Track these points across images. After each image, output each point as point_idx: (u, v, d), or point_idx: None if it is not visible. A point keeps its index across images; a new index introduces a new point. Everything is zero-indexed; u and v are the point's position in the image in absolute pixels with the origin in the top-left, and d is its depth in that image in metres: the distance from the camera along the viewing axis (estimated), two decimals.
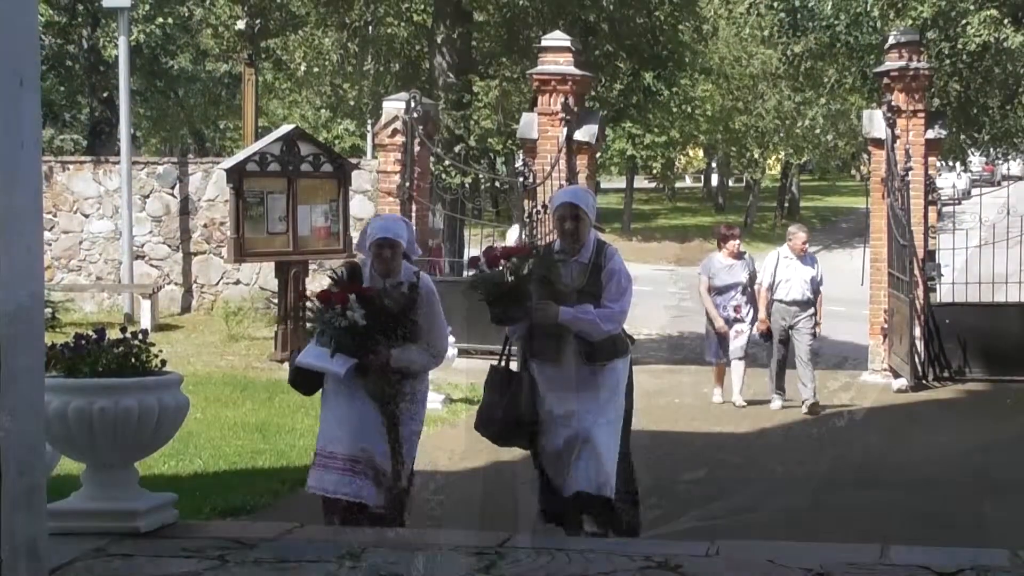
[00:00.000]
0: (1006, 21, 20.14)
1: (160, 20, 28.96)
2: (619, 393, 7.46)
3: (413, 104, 18.20)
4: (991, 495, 9.91)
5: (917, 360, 16.64)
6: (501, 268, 7.23)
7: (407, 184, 18.12)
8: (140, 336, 6.90)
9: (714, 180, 65.79)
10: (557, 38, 18.78)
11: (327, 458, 7.25)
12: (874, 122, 17.82)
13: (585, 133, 18.24)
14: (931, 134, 17.67)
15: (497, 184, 25.37)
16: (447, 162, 21.98)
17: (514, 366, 7.64)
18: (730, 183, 63.54)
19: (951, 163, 29.11)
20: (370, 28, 26.92)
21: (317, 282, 16.65)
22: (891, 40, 17.99)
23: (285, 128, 18.32)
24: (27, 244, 4.92)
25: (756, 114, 47.69)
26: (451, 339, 14.03)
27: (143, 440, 6.80)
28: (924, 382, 16.70)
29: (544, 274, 7.30)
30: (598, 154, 22.12)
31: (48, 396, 5.97)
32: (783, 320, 14.73)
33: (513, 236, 18.49)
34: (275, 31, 30.52)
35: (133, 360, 6.78)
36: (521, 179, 18.35)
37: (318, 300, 7.26)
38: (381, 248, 7.28)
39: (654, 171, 56.12)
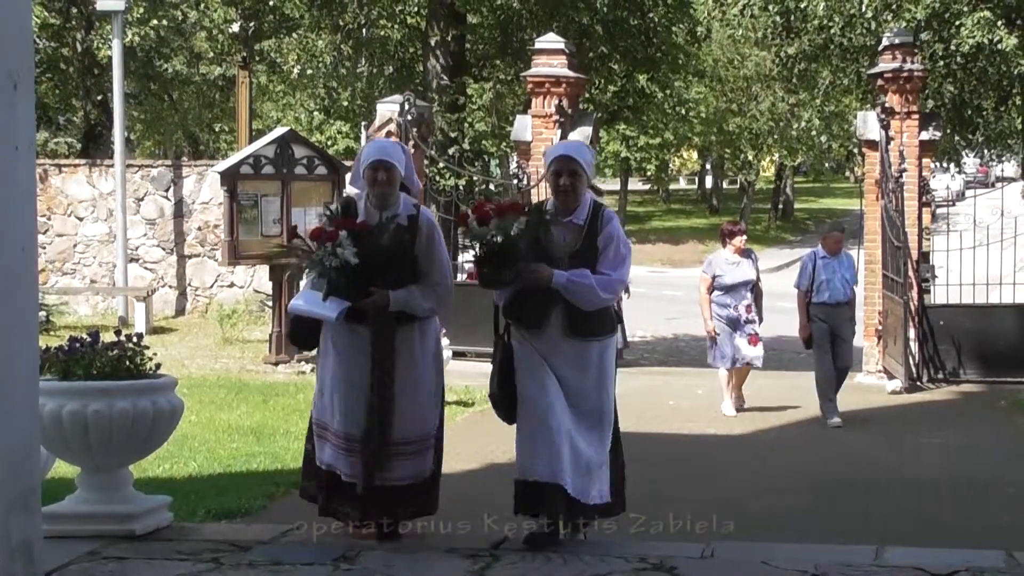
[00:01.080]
0: (1000, 23, 20.18)
1: (154, 22, 28.91)
2: (609, 377, 6.82)
3: (407, 106, 18.20)
4: (986, 496, 9.92)
5: (911, 362, 16.64)
6: (491, 226, 6.56)
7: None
8: (134, 339, 6.90)
9: (708, 182, 65.89)
10: (551, 40, 18.79)
11: (322, 429, 6.78)
12: (868, 124, 17.82)
13: (579, 135, 18.22)
14: (925, 136, 17.67)
15: (491, 186, 25.33)
16: (441, 164, 21.98)
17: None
18: (724, 185, 63.61)
19: (945, 165, 29.17)
20: (363, 30, 26.94)
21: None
22: (885, 42, 18.00)
23: (279, 130, 18.34)
24: (21, 246, 4.91)
25: (750, 116, 47.75)
26: (445, 341, 14.14)
27: (138, 443, 6.80)
28: (918, 384, 16.70)
29: (536, 234, 6.65)
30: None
31: (43, 399, 5.97)
32: (826, 323, 13.89)
33: None
34: (269, 34, 30.54)
35: (127, 363, 6.79)
36: (515, 181, 18.35)
37: (310, 238, 6.64)
38: (376, 171, 6.66)
39: (648, 173, 56.21)
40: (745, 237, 14.49)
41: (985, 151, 28.95)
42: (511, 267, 6.58)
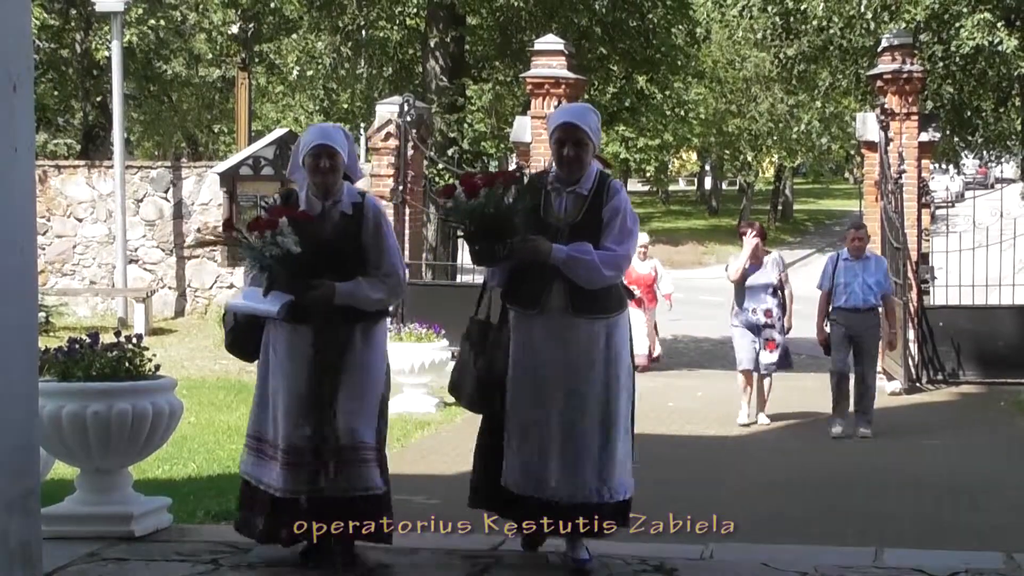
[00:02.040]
0: (999, 24, 20.20)
1: (152, 22, 28.91)
2: (621, 360, 6.15)
3: (407, 107, 18.21)
4: (985, 498, 9.92)
5: (911, 363, 16.66)
6: (481, 195, 6.04)
7: (400, 188, 18.11)
8: (134, 340, 6.90)
9: (708, 183, 65.88)
10: (550, 41, 18.80)
11: (260, 442, 6.25)
12: (867, 125, 17.83)
13: None
14: (924, 137, 17.68)
15: None
16: (440, 165, 21.98)
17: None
18: (723, 186, 63.60)
19: (944, 166, 29.17)
20: (363, 32, 26.94)
21: None
22: (884, 43, 18.00)
23: (278, 132, 18.37)
24: (20, 247, 4.91)
25: (749, 117, 47.75)
26: (444, 342, 14.12)
27: (137, 444, 6.80)
28: (918, 385, 16.71)
29: (531, 203, 6.11)
30: None
31: (42, 400, 5.96)
32: (844, 330, 13.12)
33: None
34: (268, 35, 30.55)
35: (127, 364, 6.79)
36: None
37: (247, 229, 6.13)
38: (317, 158, 6.16)
39: (648, 174, 56.14)
40: (758, 240, 13.70)
41: (984, 152, 28.94)
42: (505, 240, 6.04)
